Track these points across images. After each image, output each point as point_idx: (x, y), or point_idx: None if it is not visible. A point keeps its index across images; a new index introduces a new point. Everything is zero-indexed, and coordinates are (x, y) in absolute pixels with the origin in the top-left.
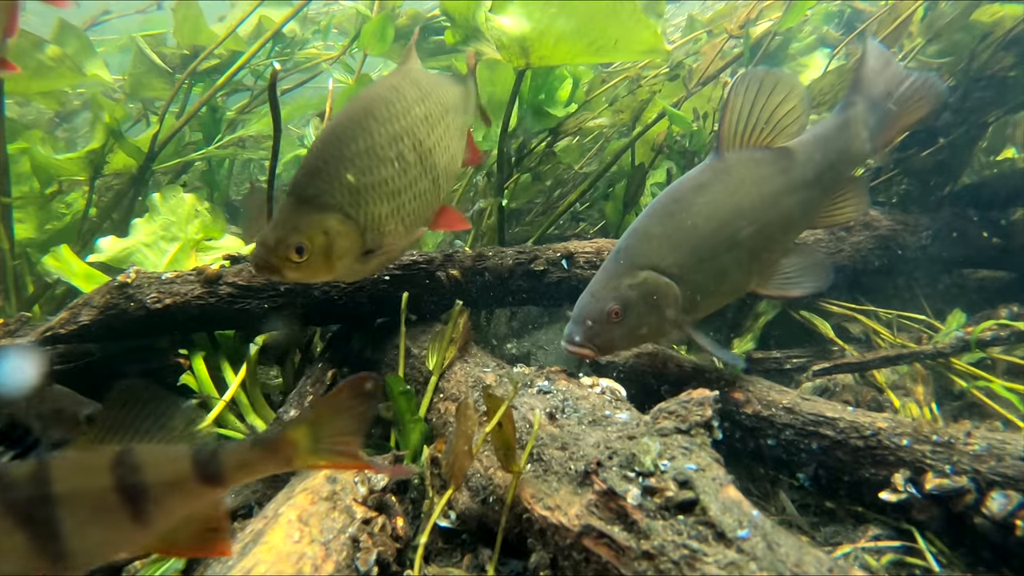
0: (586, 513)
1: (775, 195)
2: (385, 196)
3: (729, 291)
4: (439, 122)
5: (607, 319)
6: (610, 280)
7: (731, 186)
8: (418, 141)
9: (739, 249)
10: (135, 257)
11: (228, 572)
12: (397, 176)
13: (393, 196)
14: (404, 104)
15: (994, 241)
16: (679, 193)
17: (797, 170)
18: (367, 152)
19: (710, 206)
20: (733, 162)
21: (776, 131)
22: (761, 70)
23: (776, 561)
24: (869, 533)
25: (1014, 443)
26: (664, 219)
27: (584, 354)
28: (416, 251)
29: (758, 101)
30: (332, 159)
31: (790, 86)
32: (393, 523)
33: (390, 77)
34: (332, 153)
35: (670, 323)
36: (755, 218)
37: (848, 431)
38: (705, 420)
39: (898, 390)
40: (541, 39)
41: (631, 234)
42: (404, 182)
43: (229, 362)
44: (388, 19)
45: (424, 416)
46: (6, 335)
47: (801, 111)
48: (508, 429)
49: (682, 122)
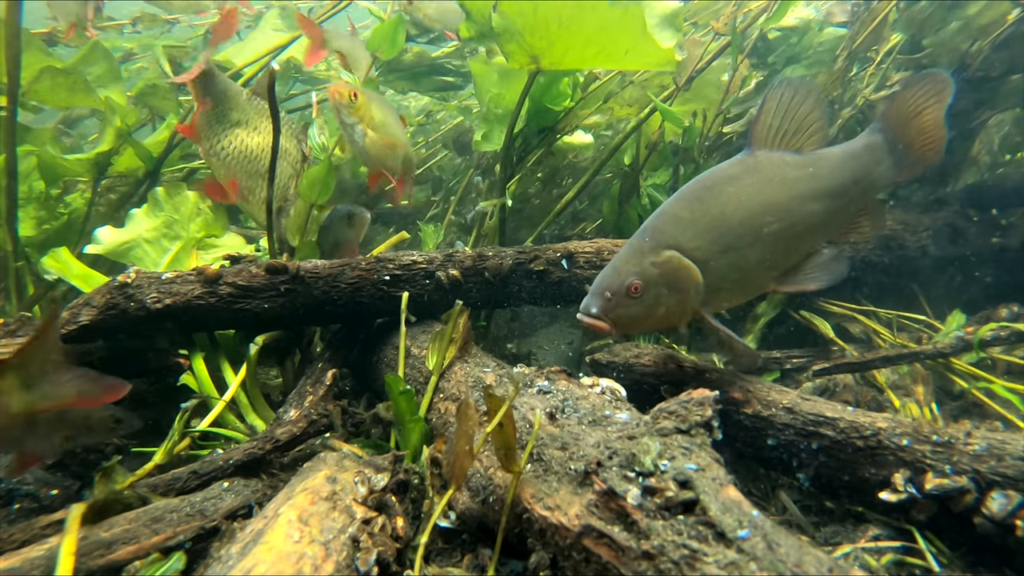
0: (586, 513)
1: (803, 197)
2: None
3: (748, 287)
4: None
5: (627, 293)
6: (634, 256)
7: (761, 182)
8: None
9: (763, 245)
10: (136, 252)
11: (228, 572)
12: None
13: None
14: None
15: (994, 241)
16: (710, 181)
17: (825, 178)
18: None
19: (739, 197)
20: (764, 160)
21: (804, 137)
22: (796, 78)
23: (776, 561)
24: (869, 533)
25: (1014, 443)
26: (693, 204)
27: (598, 326)
28: (416, 251)
29: (792, 107)
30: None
31: (817, 98)
32: (393, 523)
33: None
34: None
35: (689, 308)
36: (782, 216)
37: (848, 431)
38: (705, 420)
39: (898, 390)
40: (551, 48)
41: (658, 215)
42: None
43: (229, 362)
44: (400, 22)
45: (424, 416)
46: (6, 335)
47: (823, 123)
48: (509, 429)
49: (674, 119)
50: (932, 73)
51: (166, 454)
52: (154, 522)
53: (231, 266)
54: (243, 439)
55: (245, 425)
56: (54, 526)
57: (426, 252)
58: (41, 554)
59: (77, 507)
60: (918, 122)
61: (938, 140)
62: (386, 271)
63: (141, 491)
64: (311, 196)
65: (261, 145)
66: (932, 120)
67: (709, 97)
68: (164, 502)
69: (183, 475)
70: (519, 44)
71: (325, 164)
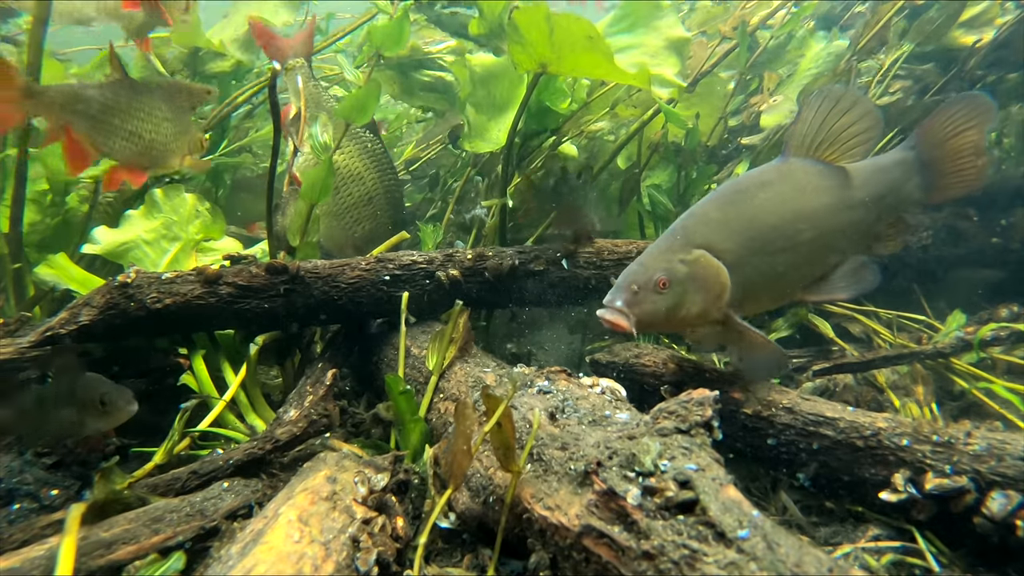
0: (586, 513)
1: (835, 208)
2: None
3: (776, 293)
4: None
5: (653, 288)
6: (662, 253)
7: (794, 189)
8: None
9: (793, 252)
10: (135, 253)
11: (228, 572)
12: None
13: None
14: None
15: (994, 241)
16: (742, 185)
17: (857, 191)
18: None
19: (772, 203)
20: (798, 168)
21: (843, 149)
22: (840, 88)
23: (776, 561)
24: (869, 533)
25: (1014, 443)
26: (725, 206)
27: (620, 324)
28: (416, 251)
29: (831, 118)
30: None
31: (864, 110)
32: (393, 523)
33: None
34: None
35: (714, 309)
36: (813, 224)
37: (848, 431)
38: (705, 420)
39: (898, 390)
40: (560, 61)
41: (689, 215)
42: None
43: (229, 362)
44: (406, 17)
45: (424, 416)
46: (6, 335)
47: (871, 136)
48: (507, 428)
49: (678, 120)
50: (972, 95)
51: (166, 454)
52: (154, 522)
53: (231, 266)
54: (243, 439)
55: (245, 425)
56: (54, 526)
57: (426, 252)
58: (41, 554)
59: (77, 507)
60: (952, 145)
61: (975, 167)
62: (386, 271)
63: (141, 491)
64: (312, 197)
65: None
66: (969, 145)
67: (712, 102)
68: (164, 502)
69: (183, 475)
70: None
71: (326, 165)
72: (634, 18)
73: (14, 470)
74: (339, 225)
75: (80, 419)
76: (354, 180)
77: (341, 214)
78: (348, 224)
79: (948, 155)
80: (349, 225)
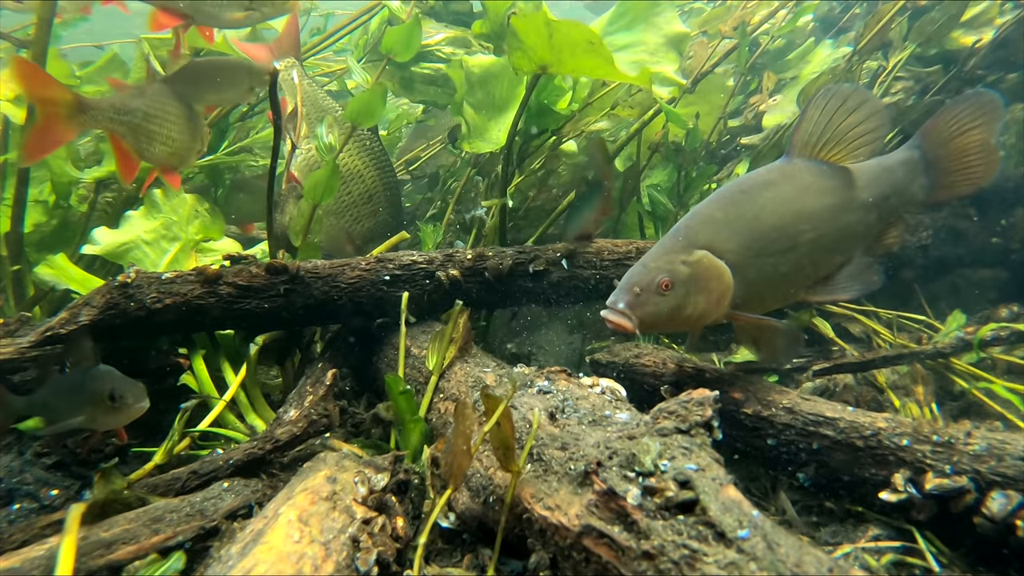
0: (586, 513)
1: (839, 208)
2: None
3: (779, 294)
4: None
5: (656, 289)
6: (665, 254)
7: (797, 190)
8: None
9: (796, 252)
10: (135, 253)
11: (228, 572)
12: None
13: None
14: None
15: (994, 241)
16: (746, 185)
17: (861, 191)
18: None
19: (775, 203)
20: (802, 168)
21: (849, 149)
22: (847, 87)
23: (776, 561)
24: (869, 533)
25: (1014, 443)
26: (728, 207)
27: (622, 326)
28: (416, 251)
29: (836, 117)
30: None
31: (873, 109)
32: (393, 523)
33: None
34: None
35: (717, 309)
36: (816, 225)
37: (848, 431)
38: (705, 420)
39: (898, 390)
40: (561, 64)
41: (692, 216)
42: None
43: (229, 362)
44: (417, 24)
45: (424, 416)
46: (6, 335)
47: (878, 135)
48: (507, 428)
49: (678, 120)
50: (979, 93)
51: (166, 454)
52: (154, 522)
53: (231, 266)
54: (243, 439)
55: (245, 425)
56: (54, 526)
57: (426, 252)
58: (41, 554)
59: (77, 507)
60: (959, 143)
61: (982, 165)
62: (386, 271)
63: (141, 491)
64: (315, 197)
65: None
66: (976, 143)
67: (712, 100)
68: (164, 502)
69: (183, 475)
70: (529, 58)
71: (330, 165)
72: (632, 15)
73: (14, 470)
74: (339, 223)
75: (89, 413)
76: (354, 178)
77: (341, 212)
78: (348, 222)
79: (954, 153)
80: (349, 223)
